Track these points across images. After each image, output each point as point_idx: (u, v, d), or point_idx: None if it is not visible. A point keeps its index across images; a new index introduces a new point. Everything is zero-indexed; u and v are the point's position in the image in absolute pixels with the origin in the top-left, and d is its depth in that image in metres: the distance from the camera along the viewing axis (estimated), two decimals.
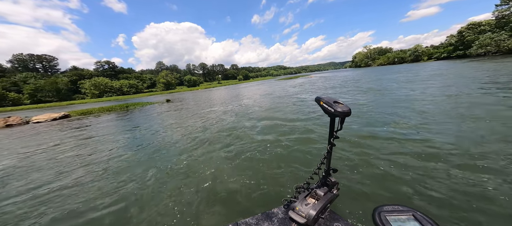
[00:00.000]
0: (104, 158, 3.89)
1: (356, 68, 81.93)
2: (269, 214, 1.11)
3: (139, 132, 6.03)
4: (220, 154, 3.44)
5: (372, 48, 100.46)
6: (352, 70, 58.27)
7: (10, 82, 56.57)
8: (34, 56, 72.30)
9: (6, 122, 9.59)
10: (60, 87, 60.77)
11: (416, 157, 2.52)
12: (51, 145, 5.41)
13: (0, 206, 2.44)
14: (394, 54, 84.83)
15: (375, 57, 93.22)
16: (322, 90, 12.79)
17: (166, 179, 2.72)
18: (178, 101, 16.89)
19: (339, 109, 0.93)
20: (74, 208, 2.24)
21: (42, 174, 3.36)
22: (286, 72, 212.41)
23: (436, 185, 1.94)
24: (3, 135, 7.66)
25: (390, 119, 4.38)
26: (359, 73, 31.78)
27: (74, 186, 2.81)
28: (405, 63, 70.60)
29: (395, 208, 0.66)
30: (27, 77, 60.31)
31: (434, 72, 15.05)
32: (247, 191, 2.19)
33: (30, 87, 55.51)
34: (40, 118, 10.35)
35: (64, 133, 7.15)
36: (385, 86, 10.17)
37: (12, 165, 4.02)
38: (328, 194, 1.13)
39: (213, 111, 8.59)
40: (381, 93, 8.10)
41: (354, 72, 39.99)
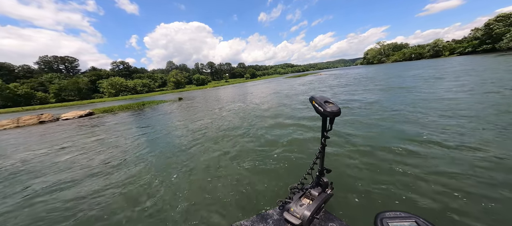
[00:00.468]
0: (130, 149, 4.30)
1: (368, 65, 78.46)
2: (264, 215, 1.10)
3: (156, 128, 6.47)
4: (226, 151, 3.65)
5: (386, 44, 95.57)
6: (365, 67, 55.76)
7: (37, 83, 61.52)
8: (58, 57, 77.76)
9: (39, 119, 10.64)
10: (81, 87, 65.03)
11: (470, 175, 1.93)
12: (90, 138, 6.00)
13: (73, 180, 2.87)
14: (410, 49, 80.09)
15: (389, 54, 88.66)
16: (335, 88, 12.03)
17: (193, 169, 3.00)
18: (189, 100, 17.50)
19: (328, 109, 0.92)
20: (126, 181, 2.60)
21: (91, 159, 3.82)
22: (293, 70, 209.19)
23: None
24: (42, 129, 8.55)
25: (424, 122, 3.74)
26: (373, 70, 30.27)
27: (118, 166, 3.20)
28: (423, 59, 66.36)
29: (397, 214, 0.65)
30: (52, 77, 65.21)
31: (464, 67, 13.84)
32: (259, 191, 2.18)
33: (55, 87, 60.04)
34: (68, 115, 11.34)
35: (94, 128, 7.83)
36: (409, 84, 9.03)
37: (72, 149, 4.58)
38: (323, 194, 1.11)
39: (223, 110, 8.89)
40: (407, 92, 7.22)
41: (367, 69, 38.31)
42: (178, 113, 9.83)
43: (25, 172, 3.66)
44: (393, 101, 5.99)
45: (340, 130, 3.83)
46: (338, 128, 3.95)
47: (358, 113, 5.14)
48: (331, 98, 0.97)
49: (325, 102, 0.95)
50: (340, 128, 3.97)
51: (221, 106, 10.19)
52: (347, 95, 8.38)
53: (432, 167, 2.20)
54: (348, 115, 5.00)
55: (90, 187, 2.76)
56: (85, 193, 2.61)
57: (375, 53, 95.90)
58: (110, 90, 65.99)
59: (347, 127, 4.04)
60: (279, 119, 5.52)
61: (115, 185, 2.75)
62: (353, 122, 4.34)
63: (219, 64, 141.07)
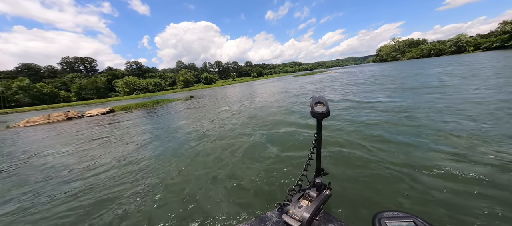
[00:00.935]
0: (150, 141, 4.62)
1: (381, 63, 74.76)
2: (263, 218, 1.09)
3: (170, 124, 6.81)
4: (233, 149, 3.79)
5: (401, 40, 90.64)
6: (378, 65, 53.16)
7: (60, 82, 66.08)
8: (78, 58, 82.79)
9: (67, 116, 11.56)
10: (99, 86, 68.90)
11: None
12: (119, 131, 6.48)
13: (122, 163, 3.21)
14: (429, 45, 75.41)
15: (404, 50, 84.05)
16: (349, 87, 11.06)
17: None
18: (199, 98, 17.98)
19: (317, 110, 0.92)
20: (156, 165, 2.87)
21: (121, 150, 4.18)
22: (301, 68, 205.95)
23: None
24: (71, 125, 9.32)
25: (451, 129, 3.20)
26: (388, 67, 28.78)
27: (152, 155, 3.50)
28: (444, 55, 62.14)
29: (395, 214, 0.65)
30: (73, 77, 69.67)
31: (496, 64, 12.57)
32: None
33: (76, 86, 64.15)
34: (92, 112, 12.20)
35: (118, 123, 8.39)
36: (435, 83, 8.00)
37: (109, 140, 5.03)
38: (321, 195, 1.11)
39: (231, 110, 9.06)
40: (435, 92, 6.31)
41: (381, 66, 36.61)
42: (191, 110, 10.20)
43: (78, 158, 4.09)
44: (420, 103, 5.29)
45: (369, 132, 3.61)
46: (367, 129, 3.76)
47: (387, 117, 4.45)
48: (324, 98, 0.96)
49: (317, 104, 0.95)
50: (365, 130, 3.73)
51: (230, 105, 10.38)
52: (363, 96, 7.44)
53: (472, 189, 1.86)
54: (376, 116, 4.55)
55: (129, 168, 3.05)
56: (129, 169, 2.92)
57: (389, 50, 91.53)
58: (125, 89, 69.37)
59: (372, 129, 3.72)
60: (290, 119, 5.49)
61: (144, 165, 3.02)
62: (381, 126, 3.86)
63: (227, 63, 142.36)
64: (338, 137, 3.60)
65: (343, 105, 6.44)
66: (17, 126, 10.58)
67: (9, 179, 3.52)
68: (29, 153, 5.17)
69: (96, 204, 2.41)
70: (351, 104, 6.40)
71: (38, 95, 54.39)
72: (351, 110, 5.58)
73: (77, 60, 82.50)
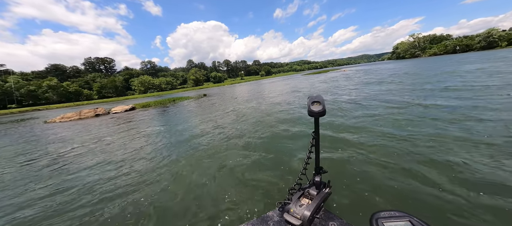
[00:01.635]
0: (176, 133, 4.97)
1: (398, 60, 70.38)
2: (265, 218, 1.11)
3: (186, 120, 7.18)
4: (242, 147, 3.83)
5: (421, 36, 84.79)
6: (396, 62, 50.09)
7: (83, 81, 71.07)
8: (99, 59, 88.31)
9: (96, 112, 12.56)
10: (117, 85, 73.07)
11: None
12: (144, 126, 7.00)
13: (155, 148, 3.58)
14: (455, 41, 69.84)
15: (425, 47, 78.56)
16: (369, 87, 9.79)
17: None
18: (212, 96, 18.47)
19: (314, 109, 0.93)
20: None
21: (159, 139, 4.58)
22: (310, 67, 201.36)
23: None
24: (101, 121, 10.16)
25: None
26: (409, 65, 26.77)
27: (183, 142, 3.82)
28: (472, 51, 56.72)
29: (392, 213, 0.66)
30: (95, 77, 74.55)
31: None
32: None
33: (97, 85, 68.58)
34: (117, 109, 13.14)
35: (143, 119, 9.01)
36: (480, 83, 6.80)
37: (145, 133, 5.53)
38: (321, 193, 1.12)
39: (242, 109, 9.22)
40: (498, 95, 5.07)
41: (400, 64, 34.43)
42: (204, 107, 10.58)
43: (121, 147, 4.56)
44: (465, 108, 4.30)
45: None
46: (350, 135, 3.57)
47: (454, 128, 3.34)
48: (321, 98, 0.97)
49: (313, 103, 0.96)
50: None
51: (241, 104, 10.60)
52: (395, 100, 5.98)
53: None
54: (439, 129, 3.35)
55: (164, 153, 3.38)
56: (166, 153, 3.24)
57: (407, 47, 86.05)
58: (140, 88, 72.88)
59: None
60: (301, 122, 5.09)
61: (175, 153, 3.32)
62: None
63: (235, 62, 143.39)
64: (376, 162, 2.59)
65: (369, 112, 5.03)
66: (53, 121, 11.72)
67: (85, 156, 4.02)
68: (92, 140, 5.79)
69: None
70: (386, 111, 4.98)
71: (65, 94, 59.06)
72: (387, 121, 4.15)
73: (98, 60, 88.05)
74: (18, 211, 2.49)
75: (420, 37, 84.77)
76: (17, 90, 51.62)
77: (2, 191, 3.12)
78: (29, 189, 3.12)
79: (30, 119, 17.82)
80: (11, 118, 22.22)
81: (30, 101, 53.96)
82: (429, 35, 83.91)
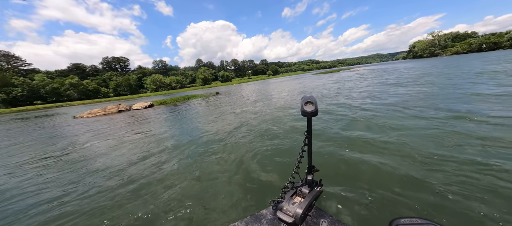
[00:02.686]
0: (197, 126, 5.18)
1: (415, 60, 66.53)
2: (258, 216, 1.12)
3: (201, 115, 7.40)
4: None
5: (442, 34, 79.96)
6: (413, 62, 47.44)
7: (101, 80, 74.87)
8: (115, 58, 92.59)
9: (118, 108, 13.31)
10: (131, 83, 76.27)
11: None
12: (172, 120, 7.37)
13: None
14: (481, 39, 65.16)
15: (447, 45, 74.04)
16: (389, 89, 8.56)
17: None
18: (224, 94, 18.77)
19: (307, 109, 0.94)
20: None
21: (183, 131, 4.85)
22: (319, 66, 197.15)
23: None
24: (125, 116, 10.76)
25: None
26: (431, 64, 24.87)
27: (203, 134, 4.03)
28: (501, 49, 52.54)
29: (413, 221, 0.63)
30: (111, 75, 78.29)
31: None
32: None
33: (113, 83, 72.00)
34: (137, 106, 13.83)
35: (164, 114, 9.43)
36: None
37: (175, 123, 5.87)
38: (313, 191, 1.15)
39: (255, 109, 9.29)
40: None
41: (419, 63, 32.53)
42: (215, 105, 10.82)
43: (156, 139, 4.88)
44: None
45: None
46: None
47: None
48: (314, 98, 0.97)
49: (306, 103, 0.97)
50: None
51: (246, 106, 10.64)
52: (428, 107, 4.81)
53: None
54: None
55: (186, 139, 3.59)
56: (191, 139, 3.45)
57: (425, 45, 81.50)
58: (152, 86, 75.60)
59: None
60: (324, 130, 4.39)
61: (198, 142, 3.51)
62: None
63: (242, 62, 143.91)
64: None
65: (401, 123, 3.92)
66: (81, 116, 12.57)
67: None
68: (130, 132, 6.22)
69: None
70: (426, 123, 3.73)
71: (84, 91, 62.63)
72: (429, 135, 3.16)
73: (114, 60, 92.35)
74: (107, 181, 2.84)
75: (441, 35, 79.91)
76: (43, 88, 55.50)
77: (94, 169, 3.50)
78: (91, 168, 3.47)
79: (57, 114, 19.19)
80: (40, 113, 24.05)
81: (54, 98, 57.83)
82: (451, 33, 78.92)
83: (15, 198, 2.73)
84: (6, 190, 3.03)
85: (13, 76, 52.45)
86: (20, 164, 4.33)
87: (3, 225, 2.20)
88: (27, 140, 7.15)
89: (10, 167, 4.24)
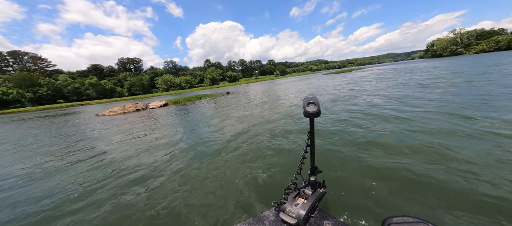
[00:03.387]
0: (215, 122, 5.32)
1: (434, 59, 62.52)
2: (261, 217, 1.11)
3: (224, 113, 7.53)
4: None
5: (464, 31, 74.82)
6: (433, 61, 44.29)
7: (117, 80, 78.73)
8: (130, 59, 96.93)
9: (136, 107, 13.97)
10: (144, 83, 79.45)
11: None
12: (190, 116, 7.65)
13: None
14: (510, 36, 60.15)
15: (470, 43, 69.18)
16: (417, 91, 7.34)
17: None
18: (234, 94, 18.97)
19: (309, 110, 0.94)
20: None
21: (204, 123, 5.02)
22: (327, 66, 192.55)
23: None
24: (144, 114, 11.30)
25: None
26: (455, 63, 22.82)
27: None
28: None
29: (405, 219, 0.64)
30: (126, 76, 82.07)
31: None
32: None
33: (128, 83, 75.47)
34: (153, 105, 14.46)
35: (180, 112, 9.77)
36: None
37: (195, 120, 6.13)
38: (316, 193, 1.14)
39: (270, 109, 9.27)
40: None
41: (440, 62, 30.10)
42: (230, 104, 10.97)
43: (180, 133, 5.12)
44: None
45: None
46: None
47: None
48: (316, 99, 0.97)
49: (308, 104, 0.97)
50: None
51: (261, 106, 10.33)
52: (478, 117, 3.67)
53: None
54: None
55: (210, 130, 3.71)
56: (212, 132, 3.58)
57: (446, 44, 76.68)
58: (163, 86, 78.23)
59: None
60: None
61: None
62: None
63: (250, 62, 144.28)
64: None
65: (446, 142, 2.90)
66: (104, 114, 13.36)
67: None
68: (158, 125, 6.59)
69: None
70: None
71: (102, 91, 66.22)
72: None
73: (129, 60, 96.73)
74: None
75: (464, 32, 74.71)
76: (65, 87, 59.40)
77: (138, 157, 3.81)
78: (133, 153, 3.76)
79: (80, 112, 20.49)
80: (65, 111, 25.83)
81: (75, 97, 61.69)
82: (475, 30, 73.52)
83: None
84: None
85: (40, 77, 56.70)
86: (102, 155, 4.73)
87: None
88: (85, 135, 7.75)
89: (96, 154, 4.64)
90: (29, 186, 3.17)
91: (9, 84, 50.48)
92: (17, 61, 67.83)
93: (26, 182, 3.37)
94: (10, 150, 5.99)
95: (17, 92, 49.18)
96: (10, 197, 2.86)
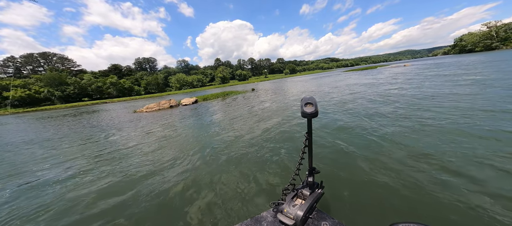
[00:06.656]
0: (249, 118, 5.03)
1: (463, 54, 57.50)
2: (258, 218, 1.10)
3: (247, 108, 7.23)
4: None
5: (501, 24, 68.14)
6: (463, 56, 40.10)
7: (134, 79, 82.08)
8: (145, 59, 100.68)
9: (170, 104, 14.24)
10: (159, 82, 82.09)
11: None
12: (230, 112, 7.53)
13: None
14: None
15: (508, 36, 63.03)
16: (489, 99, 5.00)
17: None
18: (258, 91, 18.70)
19: (307, 110, 0.93)
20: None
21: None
22: (339, 64, 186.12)
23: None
24: (179, 110, 11.43)
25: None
26: (490, 57, 20.55)
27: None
28: None
29: (410, 225, 0.64)
30: (142, 75, 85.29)
31: None
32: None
33: (144, 82, 78.41)
34: (185, 101, 14.68)
35: (217, 107, 9.68)
36: None
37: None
38: (314, 194, 1.13)
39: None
40: None
41: (474, 57, 27.15)
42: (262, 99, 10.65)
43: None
44: None
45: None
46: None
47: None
48: (314, 99, 0.96)
49: (306, 104, 0.96)
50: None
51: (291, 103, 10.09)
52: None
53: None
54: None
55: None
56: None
57: (479, 38, 70.24)
58: (176, 85, 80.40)
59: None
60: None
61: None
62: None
63: (259, 60, 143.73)
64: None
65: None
66: (141, 111, 13.76)
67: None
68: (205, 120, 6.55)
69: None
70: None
71: (121, 89, 69.37)
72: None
73: (144, 60, 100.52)
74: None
75: (499, 25, 67.94)
76: (89, 86, 62.97)
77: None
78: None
79: (108, 110, 21.42)
80: (94, 108, 27.24)
81: (98, 95, 65.22)
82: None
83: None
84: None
85: (67, 76, 60.62)
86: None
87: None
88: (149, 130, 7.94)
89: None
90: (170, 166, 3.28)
91: (40, 84, 54.51)
92: (47, 62, 73.05)
93: (172, 164, 3.54)
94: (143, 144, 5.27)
95: (48, 90, 52.99)
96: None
